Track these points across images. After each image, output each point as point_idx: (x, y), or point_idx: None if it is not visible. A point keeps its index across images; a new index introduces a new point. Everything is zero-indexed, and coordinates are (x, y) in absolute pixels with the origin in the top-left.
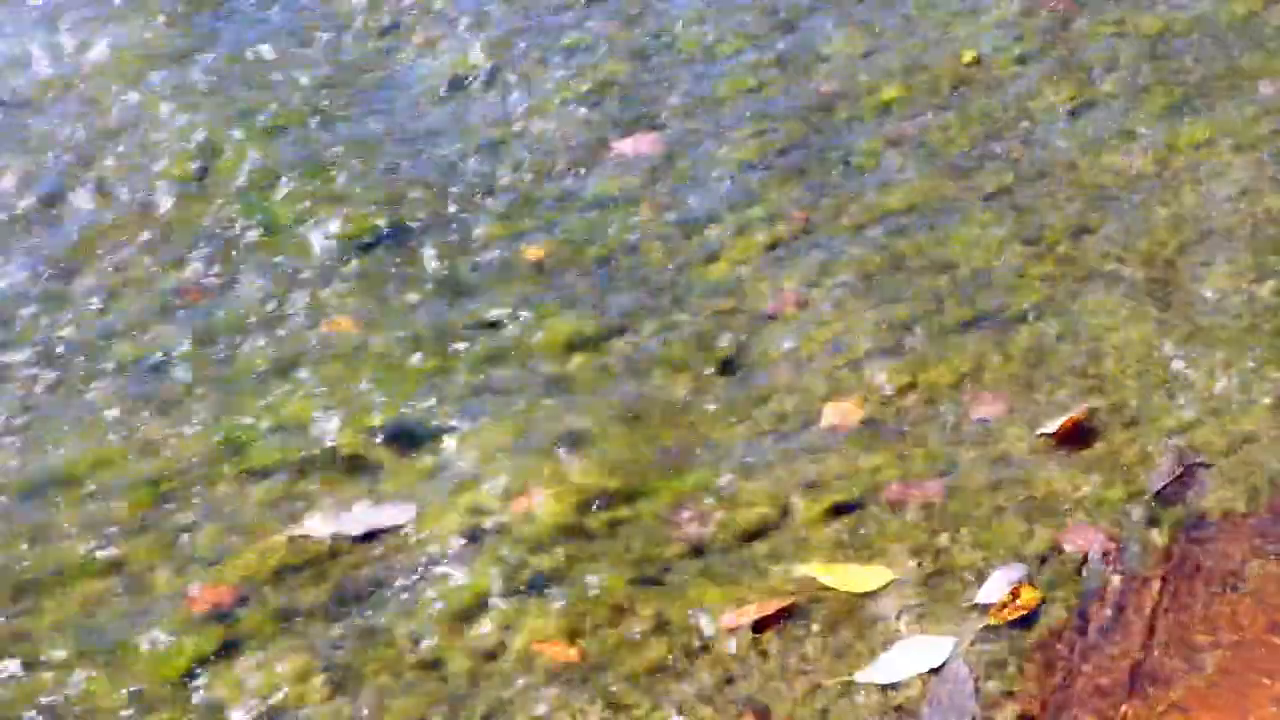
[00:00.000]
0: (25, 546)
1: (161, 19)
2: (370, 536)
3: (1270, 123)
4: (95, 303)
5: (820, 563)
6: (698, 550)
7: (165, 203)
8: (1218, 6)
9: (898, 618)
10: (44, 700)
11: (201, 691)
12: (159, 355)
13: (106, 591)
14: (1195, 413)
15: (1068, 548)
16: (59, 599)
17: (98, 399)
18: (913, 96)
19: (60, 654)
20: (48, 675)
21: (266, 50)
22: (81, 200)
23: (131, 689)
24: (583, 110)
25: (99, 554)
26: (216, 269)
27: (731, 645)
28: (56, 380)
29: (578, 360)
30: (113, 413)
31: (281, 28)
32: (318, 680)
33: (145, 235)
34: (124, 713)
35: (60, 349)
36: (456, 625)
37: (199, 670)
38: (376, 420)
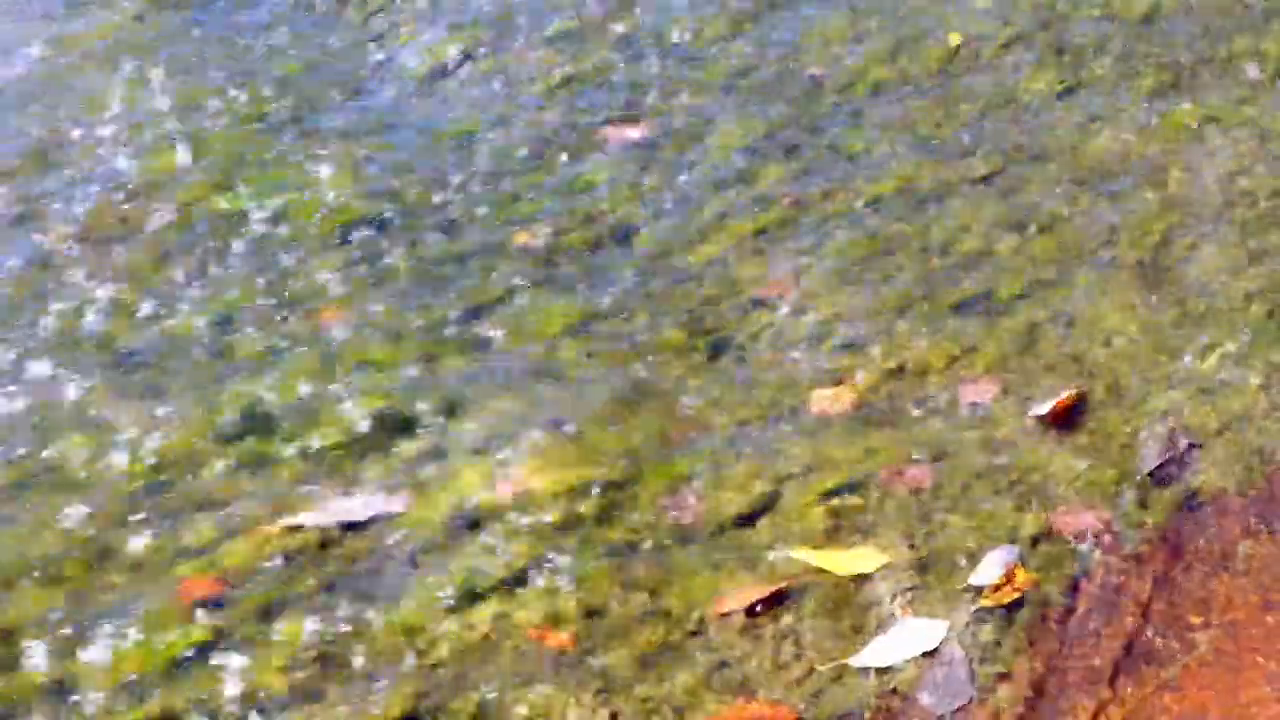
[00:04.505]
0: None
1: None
2: (363, 525)
3: (1258, 104)
4: (75, 291)
5: (813, 547)
6: (689, 536)
7: (143, 188)
8: None
9: (892, 601)
10: None
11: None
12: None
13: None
14: (1187, 393)
15: (1061, 529)
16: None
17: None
18: (901, 80)
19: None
20: None
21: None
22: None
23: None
24: (571, 96)
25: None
26: (196, 259)
27: (724, 630)
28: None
29: (567, 345)
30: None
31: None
32: (313, 665)
33: (120, 225)
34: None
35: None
36: (448, 612)
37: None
38: (365, 407)
